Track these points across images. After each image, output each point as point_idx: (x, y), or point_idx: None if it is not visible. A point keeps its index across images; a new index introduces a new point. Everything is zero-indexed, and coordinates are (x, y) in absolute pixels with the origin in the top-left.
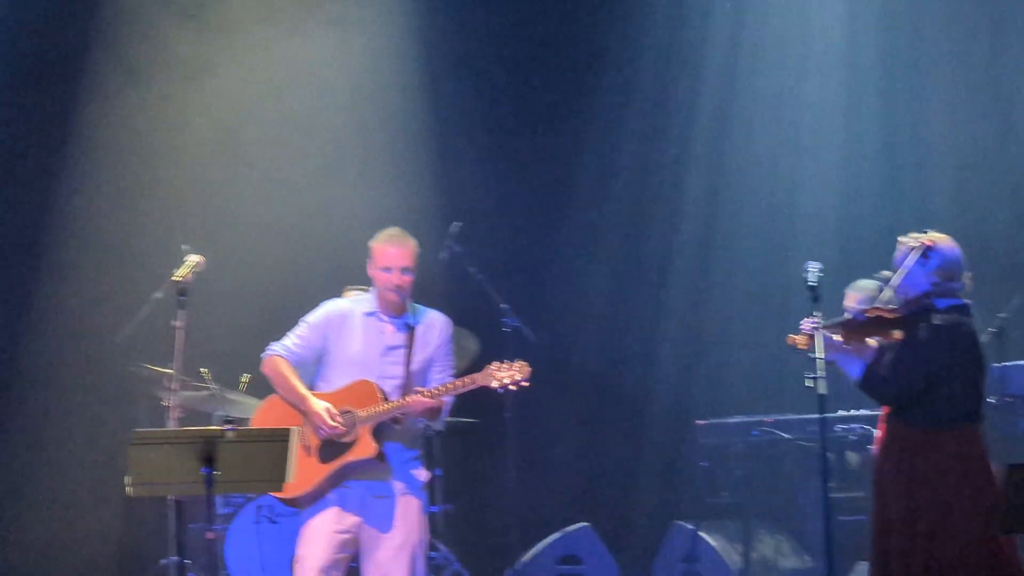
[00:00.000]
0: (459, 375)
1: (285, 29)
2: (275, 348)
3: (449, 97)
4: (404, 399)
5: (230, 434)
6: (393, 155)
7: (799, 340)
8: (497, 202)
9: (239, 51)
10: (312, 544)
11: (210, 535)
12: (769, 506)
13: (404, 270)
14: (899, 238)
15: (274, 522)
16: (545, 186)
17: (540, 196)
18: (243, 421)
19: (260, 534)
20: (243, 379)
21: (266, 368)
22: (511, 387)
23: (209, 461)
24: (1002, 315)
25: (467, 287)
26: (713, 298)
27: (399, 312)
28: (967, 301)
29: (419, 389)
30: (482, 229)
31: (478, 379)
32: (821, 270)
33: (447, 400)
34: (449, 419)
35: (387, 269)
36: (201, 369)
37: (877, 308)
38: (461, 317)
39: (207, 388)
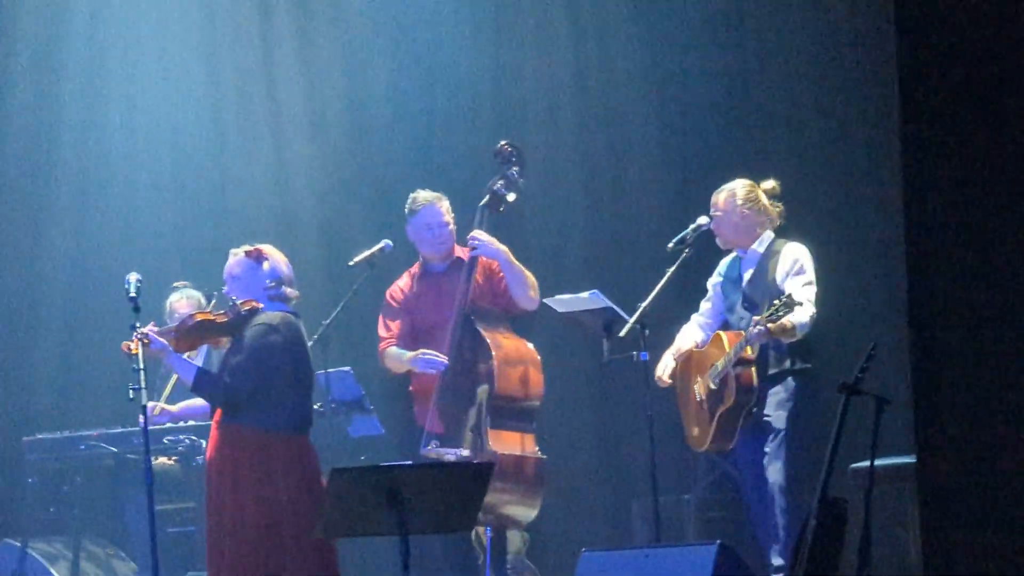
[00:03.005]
0: None
1: None
2: None
3: None
4: None
5: None
6: None
7: (133, 346)
8: None
9: None
10: None
11: None
12: (98, 520)
13: None
14: (231, 250)
15: None
16: None
17: None
18: None
19: None
20: None
21: None
22: None
23: None
24: (325, 323)
25: None
26: (35, 309)
27: None
28: (295, 311)
29: None
30: None
31: None
32: (140, 281)
33: None
34: None
35: None
36: None
37: (205, 313)
38: None
39: None
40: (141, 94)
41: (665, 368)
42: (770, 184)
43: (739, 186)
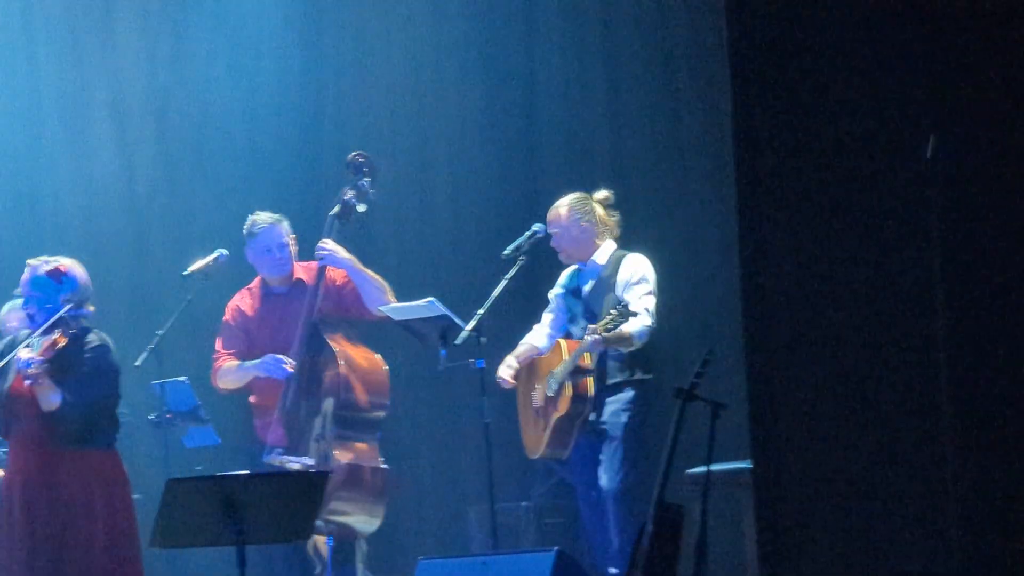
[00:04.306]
0: None
1: None
2: None
3: None
4: None
5: None
6: None
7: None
8: None
9: None
10: None
11: None
12: None
13: None
14: (28, 260)
15: None
16: None
17: None
18: None
19: None
20: None
21: None
22: None
23: None
24: (159, 332)
25: None
26: None
27: None
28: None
29: None
30: None
31: None
32: None
33: None
34: None
35: None
36: None
37: (61, 337)
38: None
39: None
40: None
41: (508, 367)
42: (603, 194)
43: (573, 200)
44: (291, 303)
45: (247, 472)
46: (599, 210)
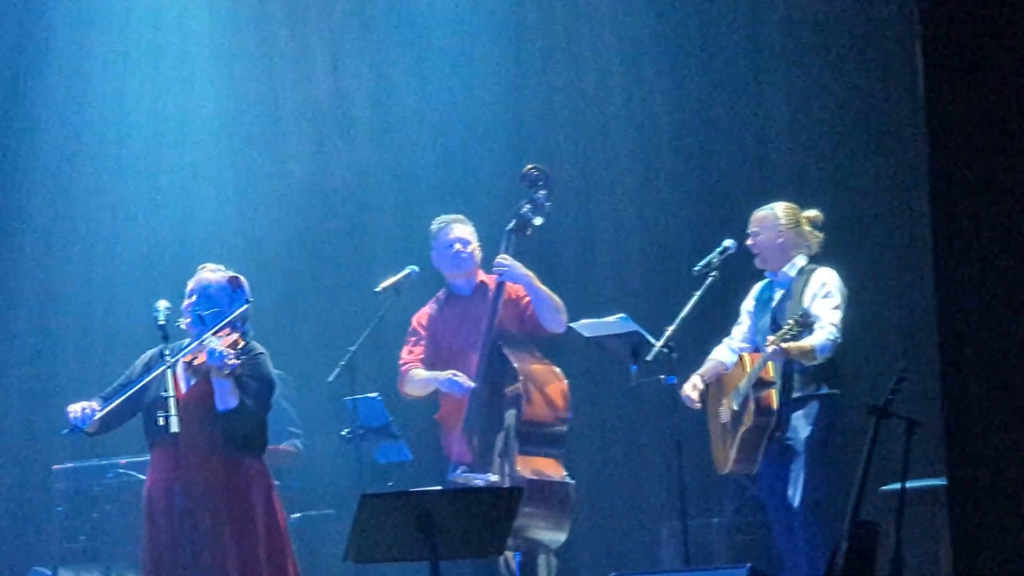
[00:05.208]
0: None
1: None
2: None
3: None
4: None
5: None
6: None
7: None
8: None
9: None
10: None
11: None
12: (127, 548)
13: None
14: (210, 264)
15: None
16: None
17: None
18: None
19: None
20: None
21: None
22: None
23: None
24: (352, 349)
25: None
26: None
27: None
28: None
29: None
30: None
31: None
32: (169, 309)
33: None
34: None
35: None
36: None
37: (240, 337)
38: None
39: None
40: (133, 103)
41: (694, 387)
42: (813, 212)
43: (781, 207)
44: (473, 304)
45: (441, 488)
46: (804, 224)
